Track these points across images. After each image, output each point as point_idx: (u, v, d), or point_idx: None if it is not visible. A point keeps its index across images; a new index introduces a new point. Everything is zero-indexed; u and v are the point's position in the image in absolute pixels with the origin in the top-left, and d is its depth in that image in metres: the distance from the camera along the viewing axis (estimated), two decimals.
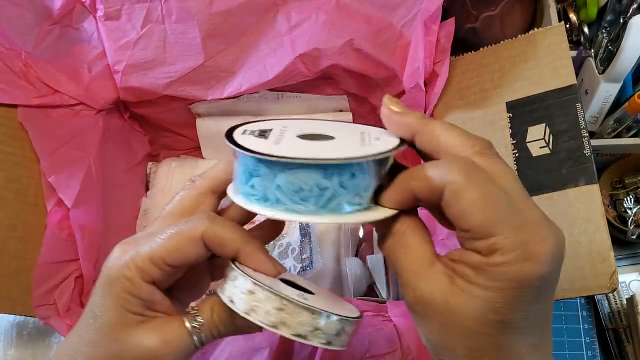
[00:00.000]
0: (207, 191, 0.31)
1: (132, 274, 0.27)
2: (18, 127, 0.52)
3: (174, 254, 0.28)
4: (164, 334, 0.28)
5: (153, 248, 0.28)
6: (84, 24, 0.54)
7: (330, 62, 0.52)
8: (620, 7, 0.54)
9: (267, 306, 0.26)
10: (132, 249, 0.28)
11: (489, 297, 0.23)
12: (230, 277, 0.27)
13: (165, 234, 0.28)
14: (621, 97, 0.56)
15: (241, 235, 0.28)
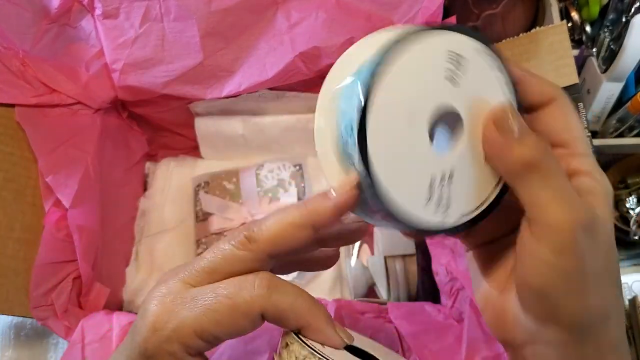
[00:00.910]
0: (265, 257, 0.25)
1: (175, 348, 0.24)
2: (16, 126, 0.51)
3: (225, 329, 0.24)
4: None
5: (200, 320, 0.24)
6: (82, 22, 0.54)
7: (331, 60, 0.52)
8: (623, 6, 0.54)
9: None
10: (174, 319, 0.24)
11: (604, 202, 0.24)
12: (288, 344, 0.26)
13: (213, 302, 0.24)
14: (623, 97, 0.56)
15: (307, 306, 0.25)
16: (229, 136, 0.63)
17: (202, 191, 0.63)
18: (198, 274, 0.25)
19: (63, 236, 0.51)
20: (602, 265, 0.23)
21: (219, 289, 0.24)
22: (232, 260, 0.25)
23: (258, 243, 0.24)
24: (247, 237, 0.25)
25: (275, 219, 0.25)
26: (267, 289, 0.24)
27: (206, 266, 0.25)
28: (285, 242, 0.25)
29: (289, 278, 0.56)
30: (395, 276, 0.54)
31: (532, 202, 0.23)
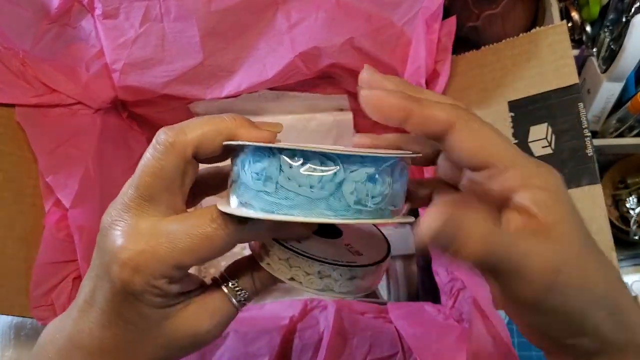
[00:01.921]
0: (190, 157, 0.26)
1: (159, 282, 0.25)
2: (16, 126, 0.51)
3: (205, 258, 0.26)
4: (209, 312, 0.28)
5: (180, 257, 0.25)
6: (82, 22, 0.54)
7: (330, 60, 0.52)
8: (623, 6, 0.54)
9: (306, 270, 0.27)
10: (154, 259, 0.25)
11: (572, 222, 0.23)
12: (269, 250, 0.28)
13: (187, 237, 0.25)
14: (623, 97, 0.56)
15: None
16: None
17: None
18: (146, 205, 0.26)
19: (63, 236, 0.51)
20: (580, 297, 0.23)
21: (191, 228, 0.25)
22: (162, 174, 0.26)
23: (182, 146, 0.26)
24: (170, 143, 0.26)
25: (199, 122, 0.26)
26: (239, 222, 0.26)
27: (146, 193, 0.26)
28: (207, 146, 0.26)
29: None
30: (395, 276, 0.54)
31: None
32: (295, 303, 0.44)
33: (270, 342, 0.40)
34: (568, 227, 0.23)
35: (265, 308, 0.45)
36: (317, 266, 0.27)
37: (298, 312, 0.43)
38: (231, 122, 0.26)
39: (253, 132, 0.26)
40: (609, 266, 0.25)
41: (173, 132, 0.26)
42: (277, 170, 0.23)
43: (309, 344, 0.41)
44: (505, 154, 0.23)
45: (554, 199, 0.23)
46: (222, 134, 0.26)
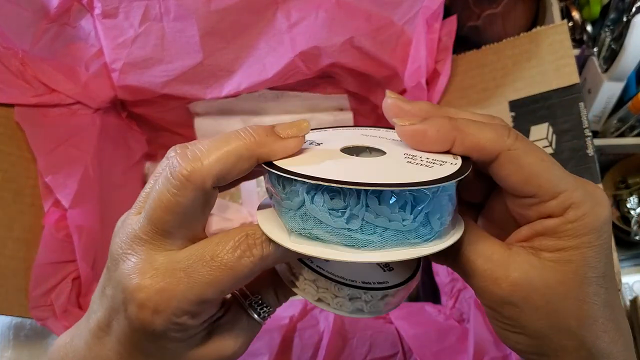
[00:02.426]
0: (210, 190, 0.23)
1: (182, 319, 0.24)
2: (15, 126, 0.51)
3: (228, 289, 0.24)
4: (234, 334, 0.27)
5: (202, 292, 0.23)
6: (82, 22, 0.53)
7: (331, 60, 0.52)
8: (624, 5, 0.54)
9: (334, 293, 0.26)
10: (174, 298, 0.23)
11: (582, 256, 0.23)
12: (295, 270, 0.27)
13: (211, 275, 0.23)
14: (624, 96, 0.56)
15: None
16: None
17: None
18: (162, 239, 0.24)
19: (62, 236, 0.51)
20: (548, 322, 0.24)
21: (210, 259, 0.23)
22: (180, 211, 0.23)
23: (200, 179, 0.23)
24: (186, 178, 0.22)
25: (216, 148, 0.23)
26: (263, 249, 0.24)
27: (162, 228, 0.24)
28: (228, 174, 0.23)
29: None
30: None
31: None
32: (296, 303, 0.44)
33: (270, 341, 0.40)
34: (571, 258, 0.23)
35: None
36: (346, 290, 0.26)
37: (298, 311, 0.43)
38: (251, 141, 0.23)
39: (278, 145, 0.24)
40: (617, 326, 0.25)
41: (188, 163, 0.23)
42: (363, 207, 0.21)
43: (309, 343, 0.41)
44: (550, 185, 0.23)
45: (579, 233, 0.23)
46: (243, 159, 0.23)
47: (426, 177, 0.21)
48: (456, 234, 0.24)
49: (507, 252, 0.24)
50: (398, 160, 0.23)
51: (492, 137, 0.23)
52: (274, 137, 0.24)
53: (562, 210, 0.23)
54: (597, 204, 0.23)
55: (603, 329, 0.24)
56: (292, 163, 0.23)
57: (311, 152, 0.25)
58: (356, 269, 0.27)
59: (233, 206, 0.61)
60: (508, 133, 0.24)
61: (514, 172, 0.23)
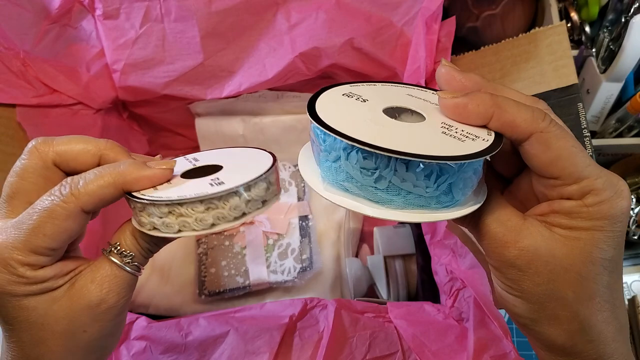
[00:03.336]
0: (50, 164, 0.28)
1: (21, 271, 0.26)
2: (16, 126, 0.51)
3: (55, 237, 0.26)
4: (96, 281, 0.28)
5: (28, 239, 0.26)
6: (83, 23, 0.54)
7: (330, 61, 0.52)
8: (622, 6, 0.54)
9: (195, 214, 0.26)
10: (1, 248, 0.26)
11: (592, 236, 0.24)
12: (138, 208, 0.27)
13: (33, 221, 0.26)
14: (623, 97, 0.56)
15: (115, 174, 0.27)
16: (229, 136, 0.63)
17: None
18: (5, 204, 0.28)
19: None
20: (546, 290, 0.25)
21: (32, 210, 0.26)
22: (23, 174, 0.28)
23: (46, 150, 0.28)
24: (35, 147, 0.28)
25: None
26: (72, 187, 0.26)
27: (8, 192, 0.28)
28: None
29: (288, 277, 0.57)
30: (395, 276, 0.54)
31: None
32: (296, 302, 0.44)
33: (270, 340, 0.40)
34: (580, 236, 0.25)
35: (265, 307, 0.45)
36: (164, 208, 0.26)
37: (298, 311, 0.43)
38: (102, 144, 0.28)
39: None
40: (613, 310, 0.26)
41: (41, 140, 0.28)
42: (392, 171, 0.23)
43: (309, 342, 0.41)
44: (575, 169, 0.24)
45: (592, 216, 0.24)
46: (89, 152, 0.28)
47: (456, 151, 0.23)
48: (475, 204, 0.25)
49: (521, 221, 0.25)
50: (434, 129, 0.25)
51: (528, 118, 0.24)
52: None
53: (581, 195, 0.24)
54: (616, 195, 0.24)
55: (599, 307, 0.25)
56: (335, 118, 0.24)
57: (355, 109, 0.26)
58: (182, 188, 0.27)
59: None
60: (544, 116, 0.25)
61: (541, 153, 0.24)
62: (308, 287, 0.57)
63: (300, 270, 0.57)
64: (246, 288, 0.57)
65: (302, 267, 0.57)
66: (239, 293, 0.58)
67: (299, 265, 0.57)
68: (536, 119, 0.24)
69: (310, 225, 0.60)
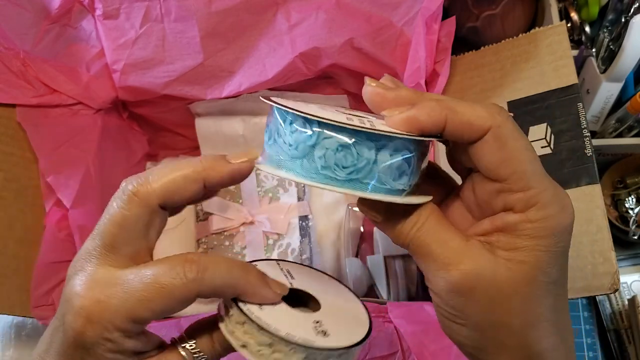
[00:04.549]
0: (156, 208, 0.25)
1: (114, 336, 0.24)
2: (16, 126, 0.51)
3: (159, 314, 0.24)
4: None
5: (134, 309, 0.24)
6: (83, 23, 0.54)
7: (330, 61, 0.52)
8: (622, 6, 0.54)
9: (258, 340, 0.25)
10: (108, 310, 0.24)
11: (536, 259, 0.23)
12: (237, 320, 0.26)
13: (145, 291, 0.24)
14: (623, 97, 0.56)
15: (238, 276, 0.26)
16: (229, 136, 0.63)
17: None
18: (107, 254, 0.25)
19: (64, 236, 0.51)
20: (489, 317, 0.24)
21: (146, 277, 0.24)
22: (126, 225, 0.25)
23: (146, 196, 0.25)
24: (133, 193, 0.25)
25: (165, 171, 0.26)
26: (198, 273, 0.24)
27: (108, 242, 0.25)
28: (175, 193, 0.25)
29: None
30: (395, 276, 0.54)
31: None
32: None
33: None
34: (525, 259, 0.23)
35: None
36: (267, 338, 0.25)
37: None
38: (198, 165, 0.26)
39: (225, 168, 0.26)
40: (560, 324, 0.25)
41: (137, 182, 0.25)
42: (277, 126, 0.25)
43: None
44: (524, 176, 0.23)
45: (537, 234, 0.23)
46: (190, 180, 0.26)
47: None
48: (416, 198, 0.24)
49: (463, 242, 0.24)
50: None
51: (483, 114, 0.23)
52: (222, 162, 0.26)
53: (525, 206, 0.23)
54: (562, 210, 0.23)
55: (545, 333, 0.24)
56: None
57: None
58: (289, 322, 0.26)
59: (233, 206, 0.61)
60: (499, 110, 0.24)
61: (495, 150, 0.23)
62: None
63: None
64: None
65: None
66: None
67: None
68: (492, 113, 0.23)
69: (310, 225, 0.60)
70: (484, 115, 0.23)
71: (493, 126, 0.23)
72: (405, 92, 0.25)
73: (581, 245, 0.41)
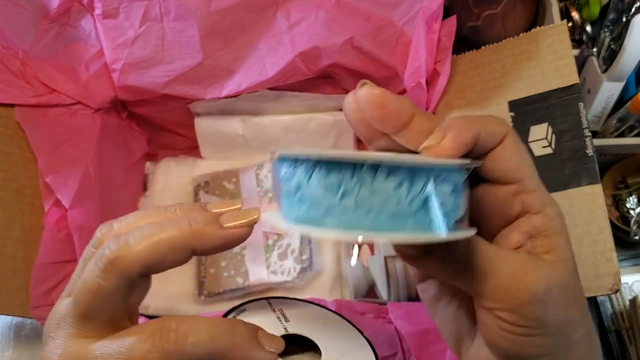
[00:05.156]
0: (136, 278, 0.22)
1: None
2: (15, 126, 0.51)
3: None
4: None
5: None
6: (82, 22, 0.54)
7: (330, 60, 0.52)
8: (623, 5, 0.54)
9: None
10: None
11: (569, 251, 0.25)
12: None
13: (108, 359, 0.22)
14: (624, 96, 0.56)
15: (224, 340, 0.23)
16: (228, 136, 0.63)
17: (202, 191, 0.63)
18: (80, 323, 0.23)
19: (63, 236, 0.51)
20: (562, 316, 0.24)
21: (118, 352, 0.22)
22: (102, 295, 0.22)
23: (125, 265, 0.22)
24: (110, 261, 0.22)
25: (148, 232, 0.22)
26: (177, 344, 0.22)
27: (82, 311, 0.23)
28: (158, 263, 0.22)
29: (288, 278, 0.56)
30: (395, 276, 0.54)
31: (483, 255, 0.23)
32: None
33: None
34: (564, 255, 0.24)
35: None
36: None
37: None
38: (186, 230, 0.22)
39: (217, 234, 0.23)
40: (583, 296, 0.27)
41: (116, 248, 0.22)
42: (358, 182, 0.21)
43: None
44: (534, 177, 0.25)
45: (559, 230, 0.25)
46: (176, 248, 0.22)
47: (429, 161, 0.21)
48: (468, 231, 0.22)
49: (516, 254, 0.24)
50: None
51: (498, 121, 0.24)
52: (215, 227, 0.23)
53: (541, 205, 0.24)
54: (554, 201, 0.25)
55: (588, 317, 0.26)
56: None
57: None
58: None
59: None
60: (502, 121, 0.25)
61: (515, 152, 0.24)
62: (308, 288, 0.57)
63: (300, 270, 0.56)
64: (246, 289, 0.57)
65: (302, 268, 0.57)
66: (238, 294, 0.57)
67: (299, 266, 0.57)
68: (501, 120, 0.24)
69: None
70: (500, 122, 0.24)
71: (508, 132, 0.24)
72: (405, 98, 0.24)
73: (582, 245, 0.41)
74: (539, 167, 0.42)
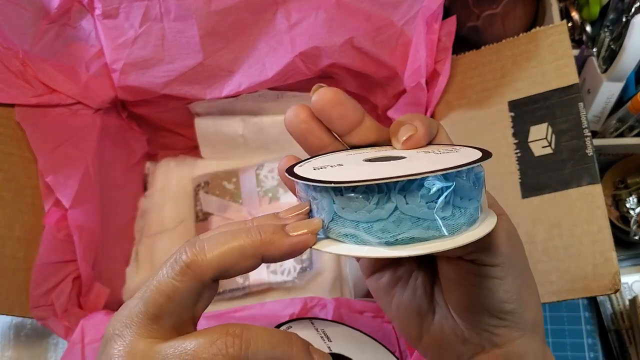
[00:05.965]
0: (208, 282, 0.24)
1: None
2: (15, 126, 0.51)
3: None
4: None
5: None
6: (82, 22, 0.54)
7: (330, 60, 0.52)
8: (623, 5, 0.54)
9: None
10: None
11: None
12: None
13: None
14: (624, 96, 0.56)
15: (282, 349, 0.24)
16: (228, 136, 0.63)
17: (202, 191, 0.63)
18: (150, 323, 0.24)
19: (63, 236, 0.51)
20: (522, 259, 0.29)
21: (186, 352, 0.23)
22: (175, 297, 0.24)
23: (200, 269, 0.23)
24: (187, 265, 0.23)
25: (221, 239, 0.24)
26: (241, 349, 0.23)
27: (153, 312, 0.24)
28: (231, 269, 0.24)
29: (288, 278, 0.56)
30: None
31: None
32: (296, 301, 0.44)
33: None
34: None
35: (265, 307, 0.45)
36: None
37: (298, 310, 0.43)
38: (256, 239, 0.24)
39: (285, 242, 0.24)
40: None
41: (192, 252, 0.24)
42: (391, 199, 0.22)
43: None
44: None
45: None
46: (247, 256, 0.24)
47: (452, 162, 0.22)
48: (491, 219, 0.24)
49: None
50: (420, 155, 0.24)
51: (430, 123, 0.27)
52: (281, 235, 0.24)
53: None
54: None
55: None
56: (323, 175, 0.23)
57: (336, 168, 0.24)
58: None
59: (233, 206, 0.61)
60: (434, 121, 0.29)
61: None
62: (308, 288, 0.57)
63: (300, 270, 0.56)
64: (246, 288, 0.57)
65: (302, 268, 0.57)
66: (238, 293, 0.57)
67: (298, 266, 0.57)
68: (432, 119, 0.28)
69: None
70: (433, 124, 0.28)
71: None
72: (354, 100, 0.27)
73: (582, 245, 0.41)
74: (539, 167, 0.43)
